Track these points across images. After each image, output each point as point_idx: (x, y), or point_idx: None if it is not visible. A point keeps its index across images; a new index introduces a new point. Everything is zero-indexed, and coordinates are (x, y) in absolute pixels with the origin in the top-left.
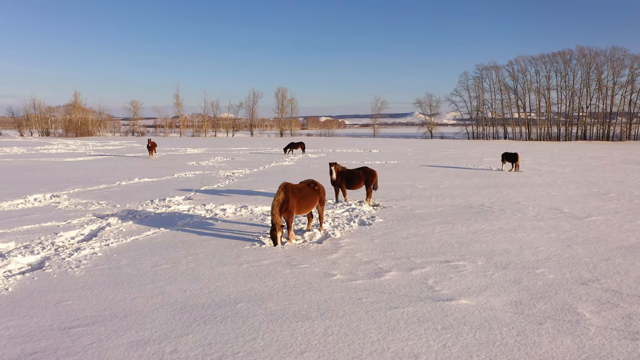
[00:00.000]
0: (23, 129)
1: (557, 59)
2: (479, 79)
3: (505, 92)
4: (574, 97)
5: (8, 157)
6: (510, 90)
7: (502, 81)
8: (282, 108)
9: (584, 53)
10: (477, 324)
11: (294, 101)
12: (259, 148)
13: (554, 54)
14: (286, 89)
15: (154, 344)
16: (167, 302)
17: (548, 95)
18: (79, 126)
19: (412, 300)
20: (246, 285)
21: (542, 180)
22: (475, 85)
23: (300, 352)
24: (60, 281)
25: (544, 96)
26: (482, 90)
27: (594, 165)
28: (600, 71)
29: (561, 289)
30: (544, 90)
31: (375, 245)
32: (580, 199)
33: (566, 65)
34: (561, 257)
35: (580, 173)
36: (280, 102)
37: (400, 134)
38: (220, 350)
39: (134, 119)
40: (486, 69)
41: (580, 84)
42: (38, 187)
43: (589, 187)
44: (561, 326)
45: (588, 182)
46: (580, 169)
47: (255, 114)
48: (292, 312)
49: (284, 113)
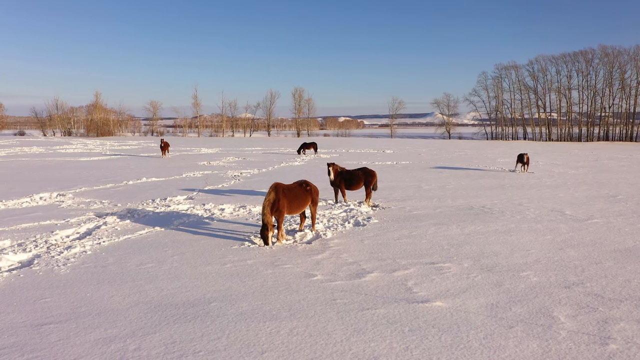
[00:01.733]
0: (46, 129)
1: (579, 58)
2: (498, 79)
3: (525, 92)
4: (596, 96)
5: (26, 156)
6: (530, 90)
7: (522, 81)
8: (299, 108)
9: (606, 52)
10: (446, 327)
11: (311, 101)
12: (272, 148)
13: (575, 53)
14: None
15: (119, 342)
16: (143, 301)
17: (569, 95)
18: (100, 126)
19: (386, 302)
20: (224, 284)
21: (552, 182)
22: (494, 85)
23: (261, 351)
24: (45, 279)
25: (565, 96)
26: (501, 90)
27: (610, 166)
28: (623, 70)
29: (542, 292)
30: (565, 90)
31: (364, 246)
32: (586, 201)
33: (588, 64)
34: (551, 260)
35: (594, 174)
36: (297, 103)
37: (418, 134)
38: (182, 349)
39: (154, 119)
40: (505, 69)
41: (602, 83)
42: (46, 185)
43: (598, 189)
44: (531, 330)
45: (599, 183)
46: (594, 170)
47: (272, 114)
48: (262, 312)
49: (301, 113)
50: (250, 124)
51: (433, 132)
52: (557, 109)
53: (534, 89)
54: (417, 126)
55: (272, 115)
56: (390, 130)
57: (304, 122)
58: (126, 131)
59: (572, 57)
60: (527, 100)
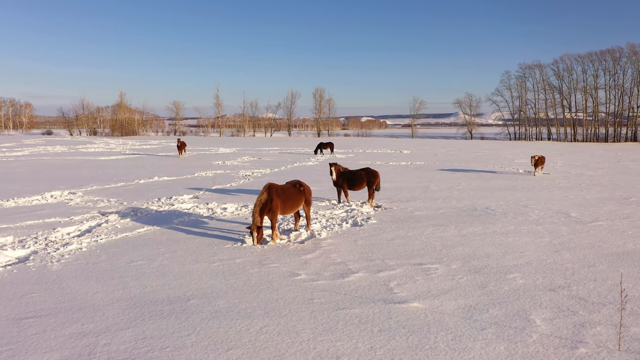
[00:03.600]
0: (72, 129)
1: (606, 57)
2: (521, 78)
3: (549, 91)
4: (624, 96)
5: (48, 155)
6: (555, 90)
7: (547, 80)
8: (320, 108)
9: (635, 50)
10: (416, 328)
11: (332, 101)
12: (290, 148)
13: (602, 51)
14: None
15: (92, 337)
16: (125, 297)
17: (595, 95)
18: (124, 126)
19: (363, 302)
20: (208, 282)
21: (566, 183)
22: (517, 84)
23: (226, 348)
24: (36, 274)
25: (591, 95)
26: (524, 89)
27: (631, 168)
28: None
29: (525, 295)
30: (591, 89)
31: (356, 247)
32: (595, 202)
33: (615, 63)
34: (543, 262)
35: (611, 176)
36: (317, 102)
37: (439, 134)
38: (150, 345)
39: (177, 118)
40: (529, 68)
41: (630, 82)
42: (60, 184)
43: (612, 191)
44: (503, 332)
45: (615, 185)
46: (613, 172)
47: (293, 114)
48: (237, 310)
49: (322, 113)
50: (272, 123)
51: (455, 133)
52: (582, 108)
53: (558, 89)
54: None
55: (292, 115)
56: (411, 130)
57: (325, 122)
58: (150, 131)
59: (598, 55)
60: (551, 100)
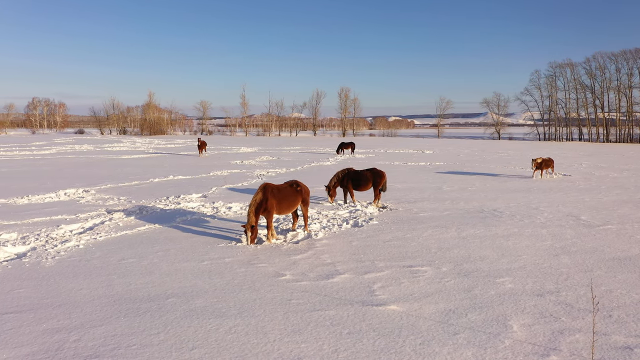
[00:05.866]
0: (103, 128)
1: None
2: (552, 77)
3: (581, 90)
4: None
5: (74, 153)
6: (587, 89)
7: (578, 79)
8: (345, 108)
9: None
10: (387, 331)
11: (357, 101)
12: (311, 148)
13: (637, 49)
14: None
15: (64, 333)
16: (107, 294)
17: (630, 94)
18: (152, 125)
19: (340, 304)
20: (191, 281)
21: (586, 186)
22: (547, 83)
23: (191, 348)
24: (28, 270)
25: (625, 95)
26: (555, 89)
27: None
28: None
29: (509, 300)
30: (625, 88)
31: (350, 248)
32: (611, 205)
33: None
34: (538, 266)
35: (636, 178)
36: (343, 102)
37: (467, 134)
38: (118, 342)
39: (204, 118)
40: (560, 67)
41: None
42: (76, 182)
43: (633, 194)
44: (475, 338)
45: (637, 187)
46: (639, 174)
47: (319, 113)
48: (212, 310)
49: (347, 113)
50: (298, 123)
51: (482, 133)
52: (616, 108)
53: (590, 88)
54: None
55: (318, 114)
56: (438, 130)
57: (352, 121)
58: (178, 130)
59: (633, 54)
60: (583, 99)
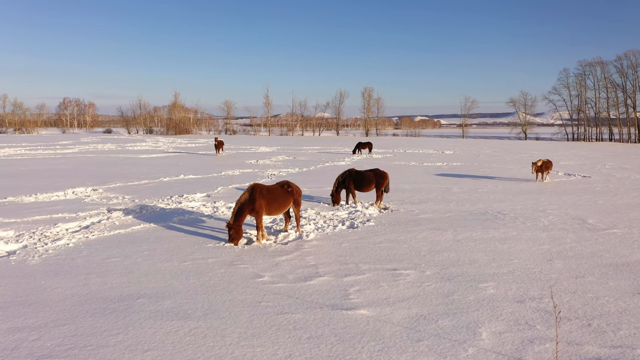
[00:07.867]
0: (130, 127)
1: None
2: (581, 76)
3: (611, 89)
4: None
5: (95, 152)
6: (618, 88)
7: (609, 78)
8: (368, 107)
9: None
10: (349, 336)
11: (381, 101)
12: (330, 147)
13: None
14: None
15: (26, 332)
16: (80, 294)
17: None
18: (178, 125)
19: (310, 307)
20: (168, 282)
21: (602, 187)
22: (576, 82)
23: (145, 350)
24: (13, 268)
25: None
26: (584, 88)
27: None
28: None
29: (487, 306)
30: None
31: (338, 249)
32: (624, 208)
33: None
34: (528, 271)
35: None
36: (366, 102)
37: (493, 134)
38: (75, 343)
39: (228, 117)
40: (590, 65)
41: None
42: (87, 180)
43: None
44: (439, 345)
45: None
46: None
47: (342, 113)
48: (178, 311)
49: (370, 112)
50: (322, 122)
51: (508, 133)
52: None
53: (622, 87)
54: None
55: (341, 114)
56: (462, 129)
57: (376, 121)
58: (203, 129)
59: None
60: (614, 98)
